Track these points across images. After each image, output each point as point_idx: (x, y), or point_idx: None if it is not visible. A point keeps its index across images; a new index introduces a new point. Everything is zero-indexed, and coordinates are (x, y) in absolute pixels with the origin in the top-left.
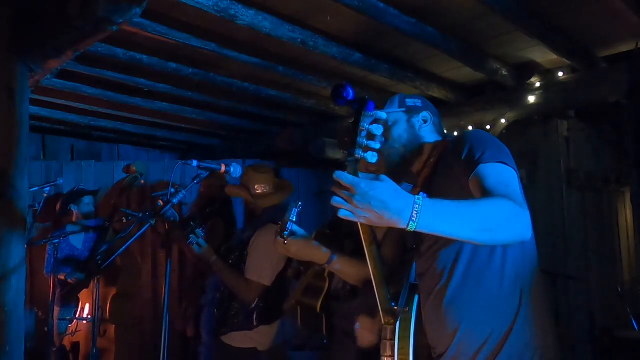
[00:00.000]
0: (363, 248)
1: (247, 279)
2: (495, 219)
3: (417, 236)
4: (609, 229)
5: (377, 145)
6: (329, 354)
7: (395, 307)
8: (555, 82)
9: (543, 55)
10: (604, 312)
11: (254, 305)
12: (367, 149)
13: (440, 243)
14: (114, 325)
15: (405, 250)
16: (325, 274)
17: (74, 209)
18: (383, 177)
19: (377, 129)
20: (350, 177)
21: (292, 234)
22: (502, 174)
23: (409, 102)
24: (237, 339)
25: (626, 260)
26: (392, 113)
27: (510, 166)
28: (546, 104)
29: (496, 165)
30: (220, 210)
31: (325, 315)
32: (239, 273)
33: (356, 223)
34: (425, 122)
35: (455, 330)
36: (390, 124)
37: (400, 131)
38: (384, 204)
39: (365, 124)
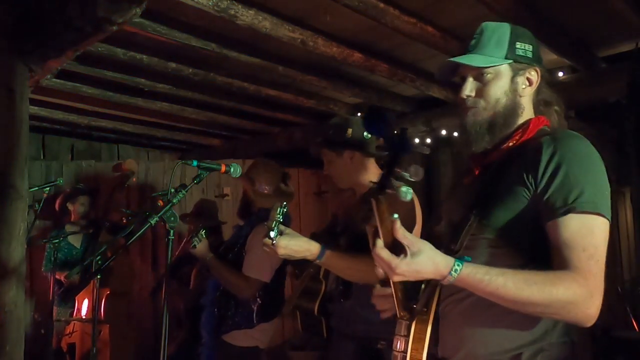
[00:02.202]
0: (360, 245)
1: (245, 276)
2: (544, 307)
3: (461, 232)
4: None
5: (413, 179)
6: (327, 355)
7: (414, 306)
8: (555, 82)
9: (543, 55)
10: (604, 312)
11: (253, 302)
12: (400, 184)
13: (482, 257)
14: (108, 326)
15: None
16: (321, 276)
17: (70, 207)
18: (419, 245)
19: (417, 172)
20: (389, 259)
21: (281, 233)
22: (593, 235)
23: (520, 47)
24: (239, 338)
25: (626, 260)
26: (494, 65)
27: (606, 217)
28: None
29: (590, 218)
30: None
31: (324, 318)
32: (236, 270)
33: (354, 223)
34: (530, 83)
35: (460, 346)
36: (488, 77)
37: (499, 93)
38: (420, 277)
39: (401, 167)
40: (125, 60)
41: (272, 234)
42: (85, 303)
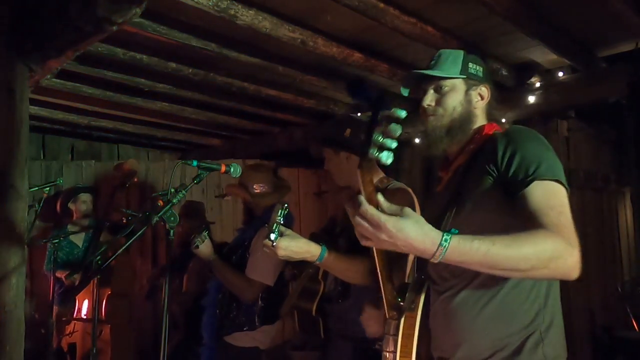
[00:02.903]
0: (359, 246)
1: (248, 278)
2: (534, 262)
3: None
4: (609, 229)
5: (394, 144)
6: (325, 355)
7: (402, 303)
8: (555, 82)
9: (543, 55)
10: (604, 312)
11: (255, 304)
12: (382, 148)
13: None
14: (109, 326)
15: None
16: (320, 277)
17: (72, 207)
18: (407, 211)
19: (395, 130)
20: (377, 215)
21: (281, 234)
22: (556, 196)
23: (472, 67)
24: (240, 339)
25: (626, 260)
26: (450, 78)
27: (564, 184)
28: (546, 104)
29: (551, 184)
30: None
31: (321, 318)
32: (239, 272)
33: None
34: (482, 98)
35: (460, 341)
36: (445, 89)
37: (455, 102)
38: (409, 244)
39: (380, 126)
40: (125, 60)
41: (272, 235)
42: (86, 303)
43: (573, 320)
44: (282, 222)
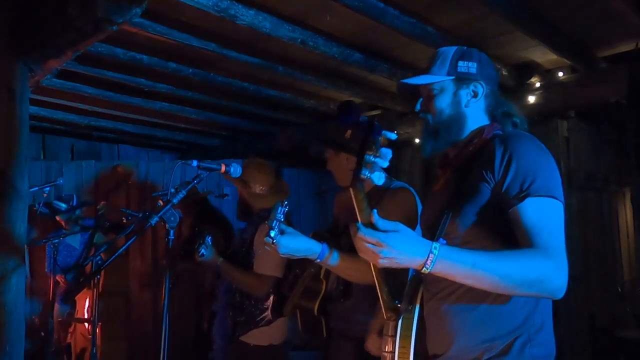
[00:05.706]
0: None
1: (258, 275)
2: (519, 282)
3: (435, 233)
4: (609, 229)
5: (385, 164)
6: (326, 354)
7: (399, 305)
8: (555, 82)
9: (543, 55)
10: (604, 312)
11: (266, 299)
12: (373, 169)
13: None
14: (99, 324)
15: None
16: (322, 276)
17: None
18: (401, 226)
19: (386, 154)
20: (377, 235)
21: (282, 232)
22: (550, 214)
23: (462, 66)
24: (255, 337)
25: (626, 260)
26: (435, 82)
27: (559, 199)
28: (546, 104)
29: (545, 200)
30: (210, 219)
31: (324, 318)
32: (248, 271)
33: (352, 222)
34: (475, 95)
35: (451, 340)
36: (435, 92)
37: (443, 105)
38: (404, 255)
39: (371, 150)
40: (125, 60)
41: (272, 233)
42: (83, 303)
43: (573, 320)
44: (282, 219)
